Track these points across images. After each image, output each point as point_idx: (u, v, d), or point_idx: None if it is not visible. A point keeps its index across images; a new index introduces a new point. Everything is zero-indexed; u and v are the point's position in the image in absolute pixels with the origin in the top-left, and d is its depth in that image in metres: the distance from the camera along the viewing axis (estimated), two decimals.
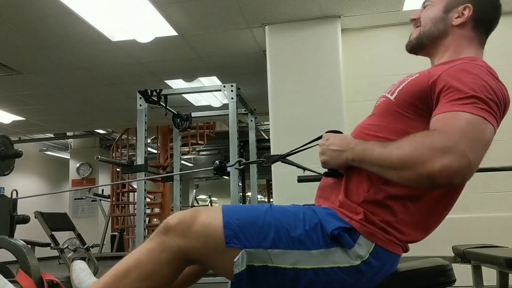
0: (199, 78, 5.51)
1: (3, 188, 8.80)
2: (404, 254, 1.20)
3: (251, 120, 4.63)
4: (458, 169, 0.98)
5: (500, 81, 1.15)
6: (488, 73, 1.14)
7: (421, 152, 1.00)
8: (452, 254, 2.51)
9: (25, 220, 2.57)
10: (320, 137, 1.29)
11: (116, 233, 8.86)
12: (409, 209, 1.15)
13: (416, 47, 1.37)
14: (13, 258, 1.87)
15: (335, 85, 3.78)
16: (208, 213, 1.13)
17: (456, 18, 1.29)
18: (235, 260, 1.06)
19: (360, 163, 1.14)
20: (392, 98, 1.24)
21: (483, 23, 1.30)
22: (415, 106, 1.17)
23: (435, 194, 1.17)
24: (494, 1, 1.33)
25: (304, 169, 1.35)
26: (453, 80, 1.10)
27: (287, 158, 1.40)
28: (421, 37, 1.34)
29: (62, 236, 6.40)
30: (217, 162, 1.61)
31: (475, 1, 1.29)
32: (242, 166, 1.61)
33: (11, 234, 2.40)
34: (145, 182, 3.62)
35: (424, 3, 1.38)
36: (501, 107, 1.11)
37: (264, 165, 1.44)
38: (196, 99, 6.22)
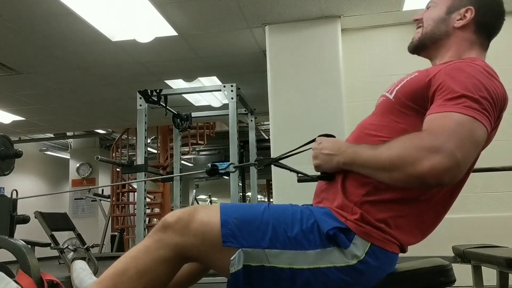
0: (199, 78, 5.51)
1: (3, 188, 8.80)
2: (404, 254, 1.20)
3: (251, 120, 4.64)
4: (446, 168, 0.98)
5: (496, 79, 1.14)
6: (484, 71, 1.13)
7: (410, 153, 1.01)
8: (452, 254, 2.51)
9: (25, 220, 2.57)
10: (313, 141, 1.30)
11: (116, 233, 8.85)
12: (408, 210, 1.15)
13: (418, 48, 1.36)
14: (13, 258, 1.87)
15: (335, 85, 3.78)
16: (207, 211, 1.13)
17: (458, 20, 1.29)
18: (231, 259, 1.07)
19: (351, 166, 1.15)
20: (391, 97, 1.24)
21: (485, 27, 1.30)
22: (413, 105, 1.18)
23: (433, 195, 1.17)
24: (498, 6, 1.33)
25: (297, 172, 1.36)
26: (447, 79, 1.11)
27: (279, 161, 1.40)
28: (423, 38, 1.34)
29: (62, 236, 6.39)
30: (209, 165, 1.61)
31: (478, 5, 1.29)
32: (234, 170, 1.61)
33: (11, 234, 2.40)
34: (145, 182, 3.63)
35: (427, 4, 1.39)
36: (495, 105, 1.10)
37: (256, 168, 1.44)
38: (196, 99, 6.22)
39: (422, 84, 1.17)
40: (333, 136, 1.28)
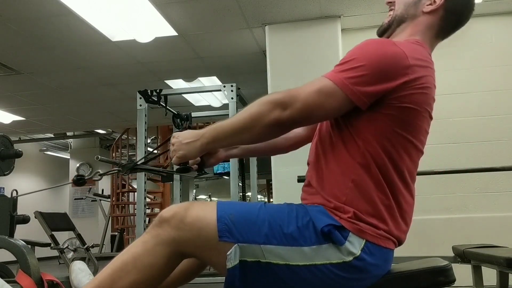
0: (199, 78, 5.51)
1: (3, 188, 8.80)
2: (404, 254, 1.21)
3: None
4: (288, 117, 1.12)
5: (393, 46, 1.15)
6: (381, 42, 1.21)
7: (265, 106, 1.13)
8: (452, 254, 2.51)
9: (25, 220, 2.57)
10: (168, 140, 1.32)
11: (116, 233, 8.86)
12: (390, 200, 1.15)
13: (385, 31, 1.36)
14: (13, 258, 1.87)
15: None
16: (203, 206, 1.15)
17: (428, 5, 1.30)
18: (227, 253, 1.08)
19: (215, 142, 1.21)
20: None
21: (453, 14, 1.30)
22: None
23: (405, 180, 1.18)
24: None
25: (160, 172, 1.39)
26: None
27: (141, 164, 1.42)
28: (392, 21, 1.34)
29: (62, 236, 6.39)
30: (75, 176, 1.65)
31: None
32: (100, 178, 1.63)
33: (11, 234, 2.40)
34: (145, 182, 3.63)
35: None
36: (377, 68, 1.11)
37: (121, 174, 1.48)
38: (196, 99, 6.22)
39: None
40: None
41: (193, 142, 1.21)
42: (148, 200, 7.69)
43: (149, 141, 8.90)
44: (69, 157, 10.18)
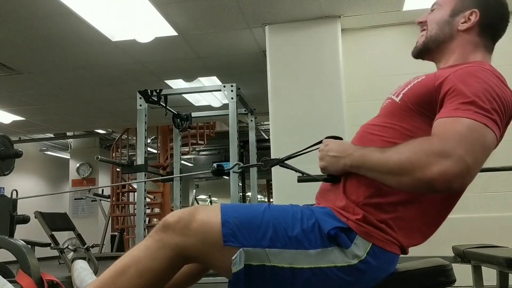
0: (199, 78, 5.51)
1: (3, 188, 8.79)
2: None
3: (251, 120, 4.63)
4: (456, 174, 0.98)
5: (506, 85, 1.14)
6: (495, 77, 1.13)
7: (420, 157, 1.00)
8: (452, 254, 2.51)
9: (25, 220, 2.57)
10: (320, 142, 1.30)
11: (116, 233, 8.85)
12: (410, 212, 1.15)
13: (422, 52, 1.36)
14: (13, 258, 1.87)
15: (335, 85, 3.77)
16: (207, 211, 1.13)
17: (462, 23, 1.29)
18: (233, 258, 1.07)
19: (358, 169, 1.14)
20: (397, 100, 1.24)
21: (490, 29, 1.30)
22: (420, 108, 1.17)
23: (436, 197, 1.17)
24: (502, 8, 1.32)
25: (303, 173, 1.35)
26: (458, 83, 1.10)
27: (286, 162, 1.40)
28: (427, 42, 1.33)
29: (62, 236, 6.39)
30: (215, 165, 1.62)
31: (482, 7, 1.28)
32: (240, 170, 1.61)
33: (11, 234, 2.40)
34: (145, 182, 3.63)
35: (432, 6, 1.38)
36: (505, 113, 1.10)
37: (263, 168, 1.45)
38: (196, 99, 6.22)
39: (430, 88, 1.16)
40: (341, 138, 1.27)
41: (337, 157, 1.18)
42: (148, 200, 7.69)
43: (149, 141, 8.91)
44: (69, 157, 10.17)
